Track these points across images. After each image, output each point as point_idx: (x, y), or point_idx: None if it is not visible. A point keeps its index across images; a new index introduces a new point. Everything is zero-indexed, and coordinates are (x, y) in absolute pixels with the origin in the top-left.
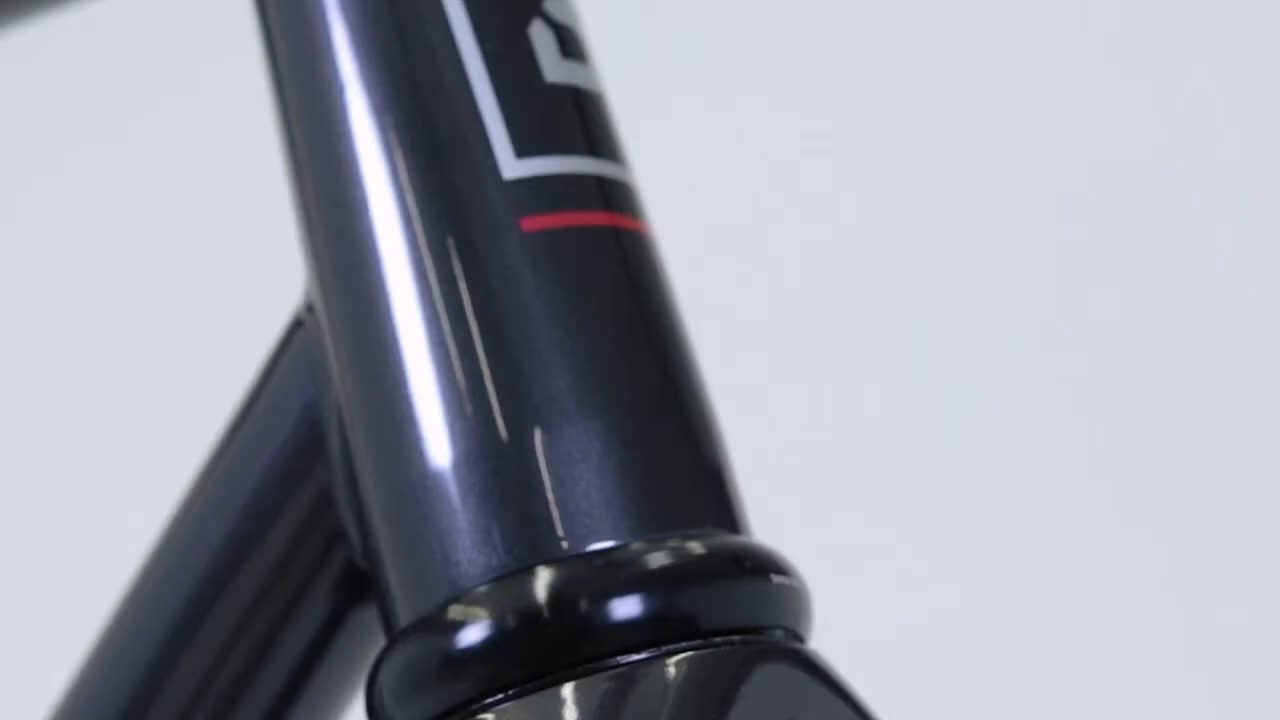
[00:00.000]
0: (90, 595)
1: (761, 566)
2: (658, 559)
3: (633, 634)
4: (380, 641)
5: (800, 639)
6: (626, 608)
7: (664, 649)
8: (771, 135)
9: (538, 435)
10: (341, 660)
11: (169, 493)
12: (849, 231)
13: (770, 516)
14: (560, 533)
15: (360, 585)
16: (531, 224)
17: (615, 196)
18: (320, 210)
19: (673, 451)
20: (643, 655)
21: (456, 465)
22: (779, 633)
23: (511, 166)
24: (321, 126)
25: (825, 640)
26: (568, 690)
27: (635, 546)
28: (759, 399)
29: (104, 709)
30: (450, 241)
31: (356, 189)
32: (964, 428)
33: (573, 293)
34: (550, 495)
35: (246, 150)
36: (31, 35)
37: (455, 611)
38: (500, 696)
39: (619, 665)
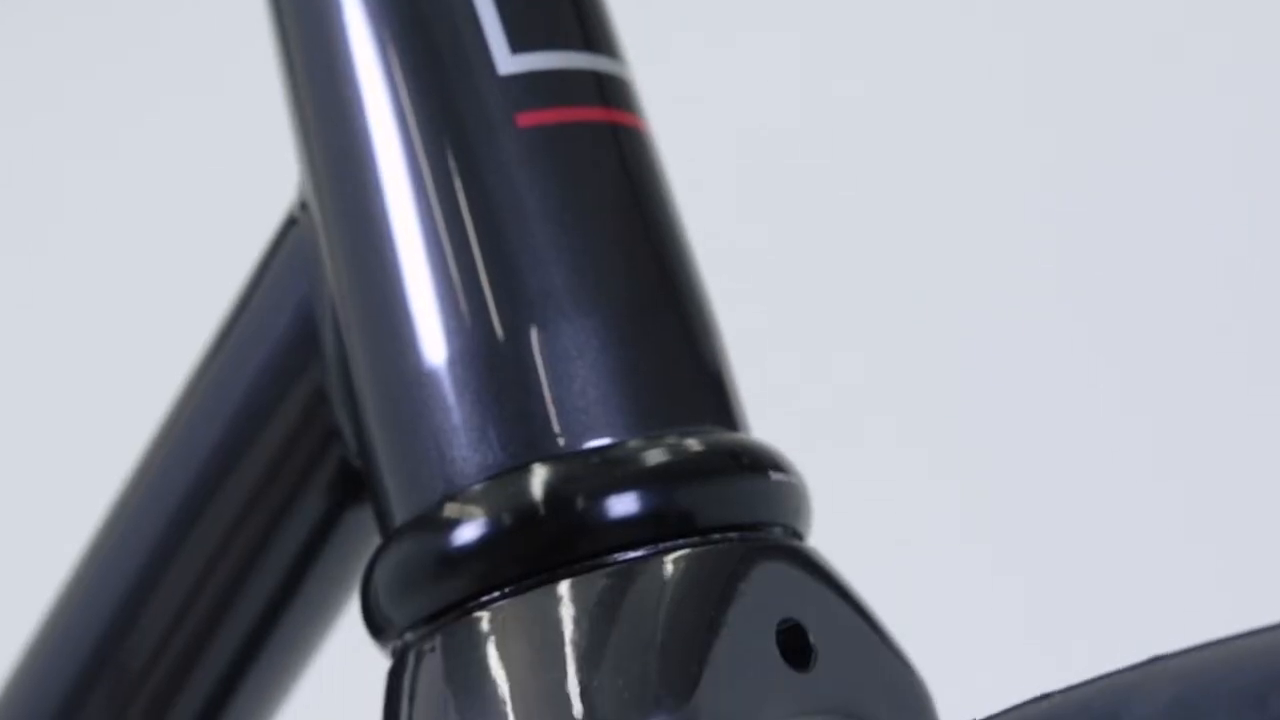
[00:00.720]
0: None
1: (760, 463)
2: (655, 456)
3: (630, 531)
4: (375, 541)
5: (799, 536)
6: (624, 505)
7: (661, 546)
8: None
9: (533, 332)
10: (336, 560)
11: (162, 394)
12: (851, 164)
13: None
14: (556, 430)
15: (355, 485)
16: (527, 119)
17: (612, 92)
18: (314, 108)
19: (670, 349)
20: (640, 553)
21: (452, 362)
22: (778, 530)
23: (506, 62)
24: (315, 24)
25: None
26: (564, 588)
27: (632, 444)
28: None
29: (99, 609)
30: (445, 137)
31: (350, 86)
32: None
33: (569, 189)
34: (546, 392)
35: (239, 49)
36: None
37: (451, 509)
38: (496, 594)
39: (616, 563)
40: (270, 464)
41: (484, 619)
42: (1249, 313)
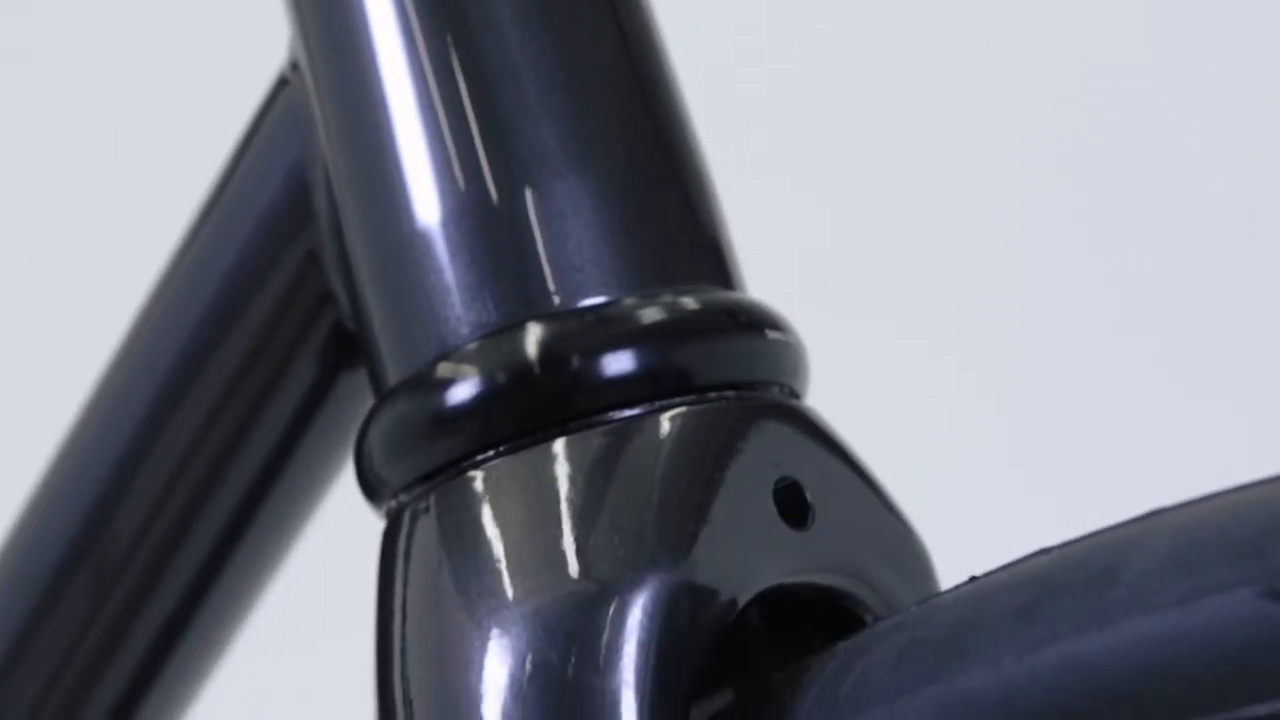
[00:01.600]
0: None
1: (757, 322)
2: (651, 314)
3: (626, 389)
4: (369, 406)
5: (797, 396)
6: (619, 363)
7: (658, 404)
8: None
9: (527, 191)
10: (331, 425)
11: (155, 258)
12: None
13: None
14: (551, 288)
15: (349, 348)
16: None
17: None
18: None
19: (665, 207)
20: (636, 411)
21: (445, 222)
22: (775, 389)
23: None
24: None
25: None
26: (559, 446)
27: (628, 302)
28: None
29: (92, 475)
30: None
31: None
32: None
33: (562, 47)
34: (541, 251)
35: None
36: None
37: (444, 369)
38: (491, 453)
39: (612, 421)
40: (263, 329)
41: (478, 478)
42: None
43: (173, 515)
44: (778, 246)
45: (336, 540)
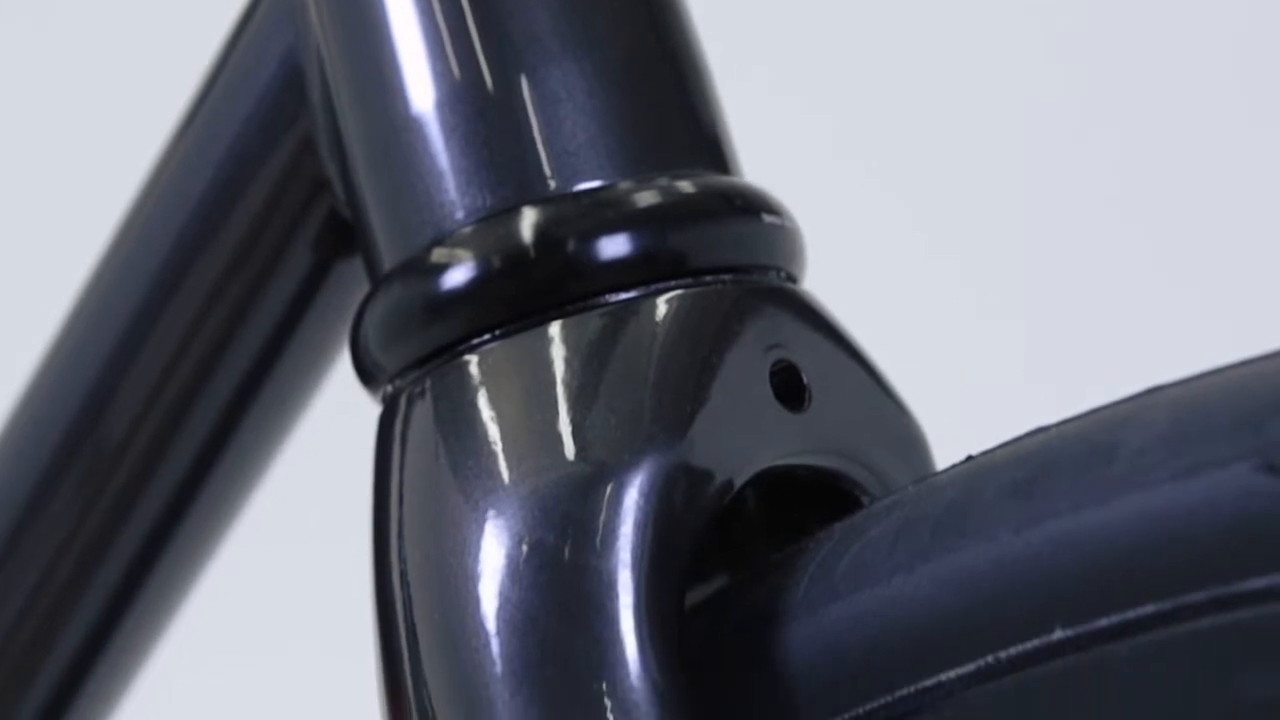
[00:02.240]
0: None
1: (753, 205)
2: (646, 197)
3: (621, 273)
4: (364, 293)
5: (793, 280)
6: (614, 246)
7: (654, 287)
8: None
9: (523, 75)
10: (326, 312)
11: (150, 149)
12: None
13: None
14: (546, 172)
15: (344, 236)
16: None
17: None
18: None
19: (661, 91)
20: (632, 294)
21: (440, 106)
22: (772, 273)
23: None
24: None
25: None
26: (555, 329)
27: (623, 185)
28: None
29: (88, 362)
30: None
31: None
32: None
33: None
34: (536, 135)
35: None
36: None
37: (439, 254)
38: (486, 337)
39: (608, 304)
40: (258, 217)
41: (474, 362)
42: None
43: (170, 402)
44: (774, 144)
45: (335, 431)
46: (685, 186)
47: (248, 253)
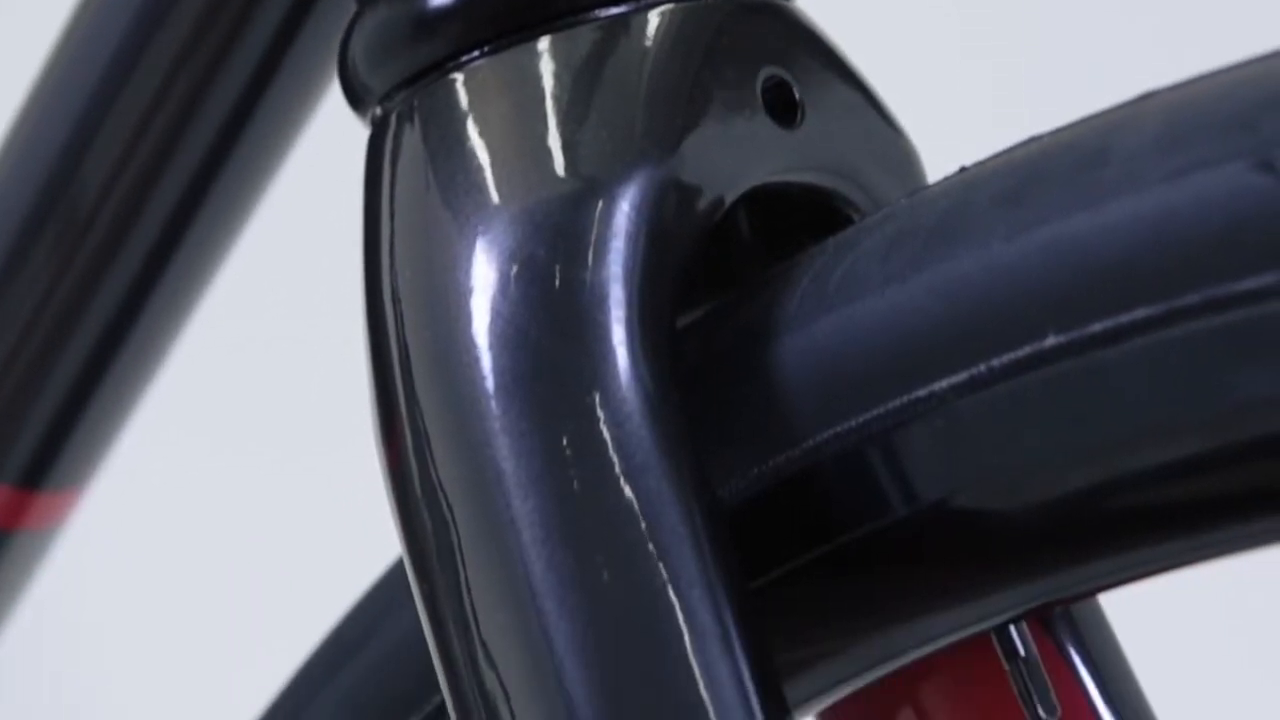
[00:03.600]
0: None
1: None
2: None
3: None
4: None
5: None
6: None
7: (644, 2)
8: None
9: None
10: (315, 36)
11: None
12: None
13: None
14: None
15: None
16: None
17: None
18: None
19: None
20: (623, 8)
21: None
22: None
23: None
24: None
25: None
26: (544, 44)
27: None
28: None
29: (77, 92)
30: None
31: None
32: None
33: None
34: None
35: None
36: None
37: None
38: (474, 54)
39: (598, 19)
40: None
41: (462, 79)
42: None
43: (163, 127)
44: None
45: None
46: None
47: None
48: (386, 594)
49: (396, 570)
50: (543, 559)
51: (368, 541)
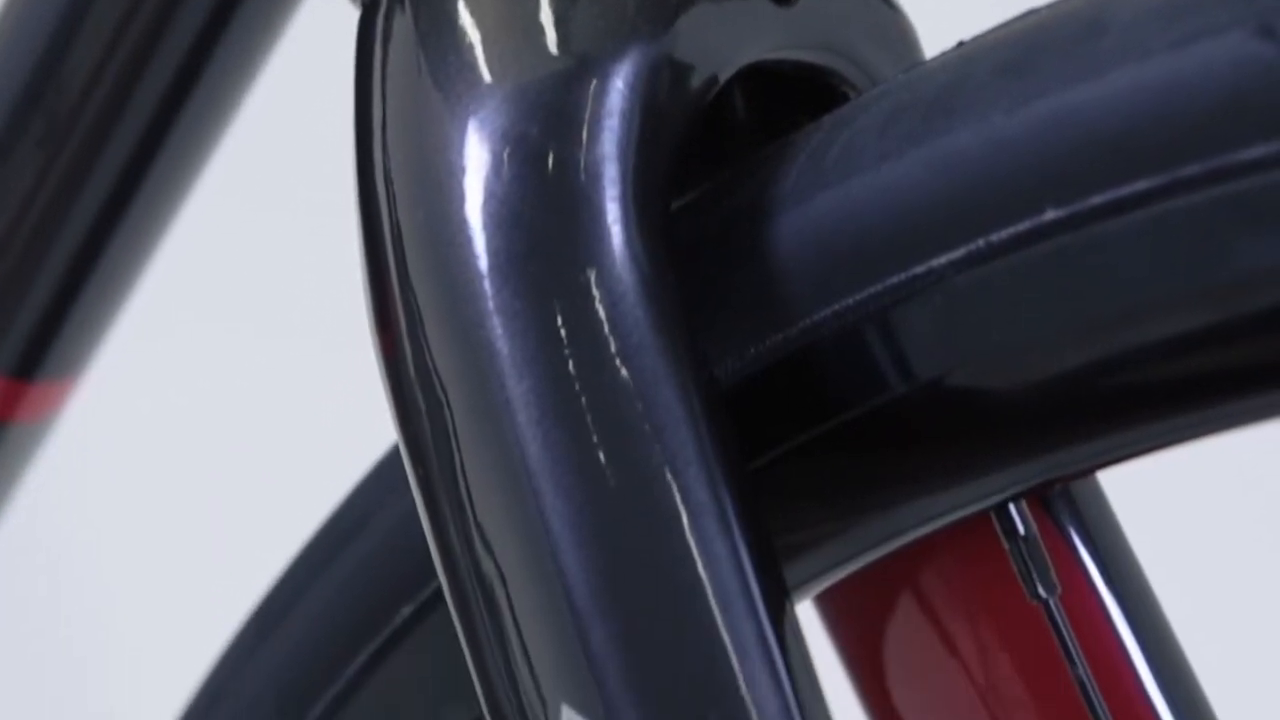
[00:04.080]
0: None
1: None
2: None
3: None
4: None
5: None
6: None
7: None
8: None
9: None
10: None
11: None
12: None
13: None
14: None
15: None
16: None
17: None
18: None
19: None
20: None
21: None
22: None
23: None
24: None
25: None
26: None
27: None
28: None
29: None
30: None
31: None
32: None
33: None
34: None
35: None
36: None
37: None
38: None
39: None
40: None
41: None
42: None
43: (155, 5)
44: None
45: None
46: None
47: None
48: (383, 480)
49: (392, 456)
50: (538, 440)
51: (364, 428)
